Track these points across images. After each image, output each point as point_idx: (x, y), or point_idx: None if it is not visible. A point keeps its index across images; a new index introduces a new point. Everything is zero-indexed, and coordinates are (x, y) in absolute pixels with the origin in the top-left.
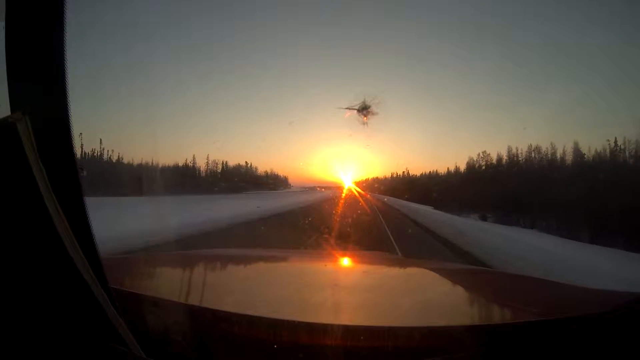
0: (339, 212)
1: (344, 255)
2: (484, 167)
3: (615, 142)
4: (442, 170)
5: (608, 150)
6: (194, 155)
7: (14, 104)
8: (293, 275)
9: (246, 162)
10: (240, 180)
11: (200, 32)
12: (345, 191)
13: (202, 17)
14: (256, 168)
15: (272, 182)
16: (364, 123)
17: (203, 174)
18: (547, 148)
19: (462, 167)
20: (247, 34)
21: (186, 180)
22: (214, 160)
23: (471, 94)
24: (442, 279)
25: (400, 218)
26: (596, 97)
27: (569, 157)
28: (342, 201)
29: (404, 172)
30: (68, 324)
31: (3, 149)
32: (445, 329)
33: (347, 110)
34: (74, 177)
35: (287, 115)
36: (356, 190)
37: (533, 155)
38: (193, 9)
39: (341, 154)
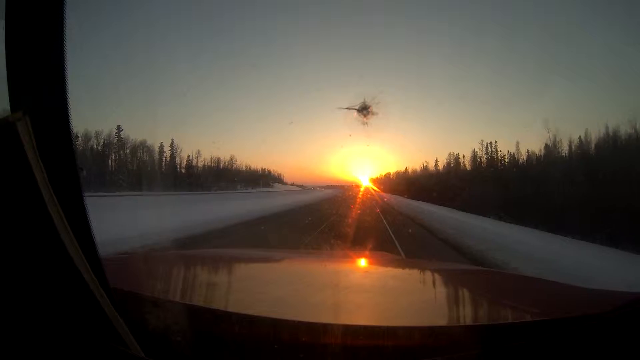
0: None
1: (344, 255)
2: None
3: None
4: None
5: None
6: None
7: (14, 104)
8: (293, 275)
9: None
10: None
11: (199, 32)
12: (346, 193)
13: (201, 17)
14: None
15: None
16: (364, 123)
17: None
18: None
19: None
20: (246, 34)
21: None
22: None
23: (471, 92)
24: (442, 279)
25: None
26: (597, 96)
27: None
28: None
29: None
30: (68, 324)
31: (3, 149)
32: (445, 329)
33: (347, 110)
34: (74, 177)
35: (287, 116)
36: (373, 190)
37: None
38: (192, 8)
39: (349, 153)
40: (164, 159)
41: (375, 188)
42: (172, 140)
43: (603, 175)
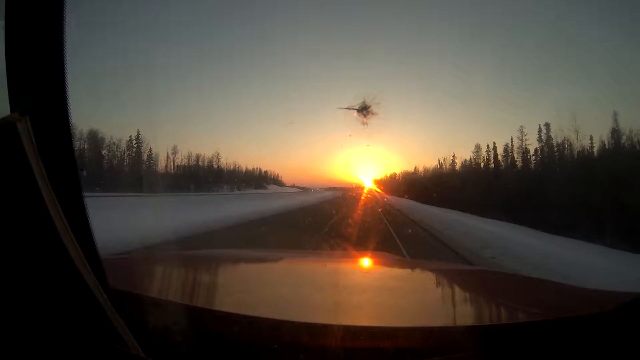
0: None
1: (344, 255)
2: None
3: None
4: None
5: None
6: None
7: (14, 104)
8: (293, 276)
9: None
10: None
11: (199, 33)
12: (346, 194)
13: (201, 18)
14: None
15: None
16: (364, 123)
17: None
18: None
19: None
20: (247, 34)
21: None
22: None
23: (472, 91)
24: (442, 280)
25: None
26: (597, 96)
27: None
28: None
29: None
30: (68, 324)
31: (3, 149)
32: (445, 329)
33: (347, 110)
34: (74, 177)
35: (287, 116)
36: (376, 192)
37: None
38: (192, 8)
39: (351, 154)
40: (131, 154)
41: (379, 190)
42: (138, 132)
43: None
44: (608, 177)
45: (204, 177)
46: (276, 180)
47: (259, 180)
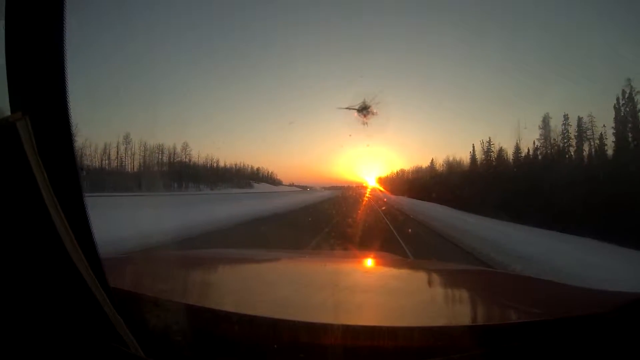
0: None
1: (344, 255)
2: None
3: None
4: None
5: None
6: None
7: (14, 104)
8: (293, 275)
9: None
10: None
11: (199, 33)
12: (346, 193)
13: (201, 17)
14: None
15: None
16: (364, 123)
17: None
18: None
19: None
20: (245, 33)
21: None
22: None
23: (472, 91)
24: (442, 279)
25: None
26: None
27: None
28: None
29: None
30: (68, 324)
31: (3, 149)
32: (445, 329)
33: (347, 110)
34: (74, 177)
35: (286, 116)
36: (380, 192)
37: None
38: (192, 7)
39: (353, 154)
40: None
41: (382, 189)
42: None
43: None
44: None
45: (168, 174)
46: (271, 179)
47: (249, 178)
